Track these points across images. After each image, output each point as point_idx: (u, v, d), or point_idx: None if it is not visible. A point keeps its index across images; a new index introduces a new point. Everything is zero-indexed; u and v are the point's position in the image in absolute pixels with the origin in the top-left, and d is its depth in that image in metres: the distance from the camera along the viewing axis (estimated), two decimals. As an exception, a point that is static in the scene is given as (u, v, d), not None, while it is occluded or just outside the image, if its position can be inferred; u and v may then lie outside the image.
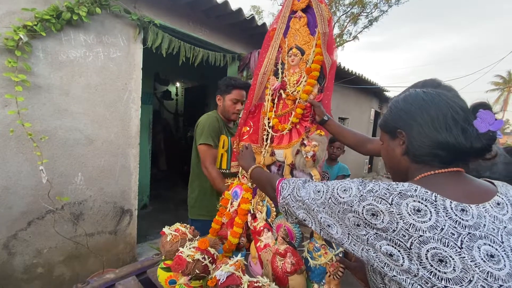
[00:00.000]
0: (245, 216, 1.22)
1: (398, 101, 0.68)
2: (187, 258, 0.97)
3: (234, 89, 1.73)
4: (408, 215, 0.50)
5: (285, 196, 0.75)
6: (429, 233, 0.47)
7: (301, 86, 1.25)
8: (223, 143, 1.73)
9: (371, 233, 0.53)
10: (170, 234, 1.13)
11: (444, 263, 0.46)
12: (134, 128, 2.41)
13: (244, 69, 3.38)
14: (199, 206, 1.76)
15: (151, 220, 3.63)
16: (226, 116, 1.78)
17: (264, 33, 3.21)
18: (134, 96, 2.37)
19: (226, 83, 1.75)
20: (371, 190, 0.55)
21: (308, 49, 1.26)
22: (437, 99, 0.60)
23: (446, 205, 0.50)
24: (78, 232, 2.15)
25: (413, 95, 0.64)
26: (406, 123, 0.63)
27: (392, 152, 0.68)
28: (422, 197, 0.51)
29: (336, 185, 0.63)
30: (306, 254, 1.08)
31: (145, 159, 3.77)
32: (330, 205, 0.61)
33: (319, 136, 1.18)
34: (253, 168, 1.04)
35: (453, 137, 0.56)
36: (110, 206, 2.34)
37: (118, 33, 2.23)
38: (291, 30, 1.31)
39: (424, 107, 0.61)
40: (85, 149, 2.13)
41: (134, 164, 2.44)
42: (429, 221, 0.48)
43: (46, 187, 1.90)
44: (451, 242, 0.46)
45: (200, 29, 2.81)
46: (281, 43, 1.34)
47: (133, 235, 2.53)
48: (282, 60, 1.35)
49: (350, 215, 0.57)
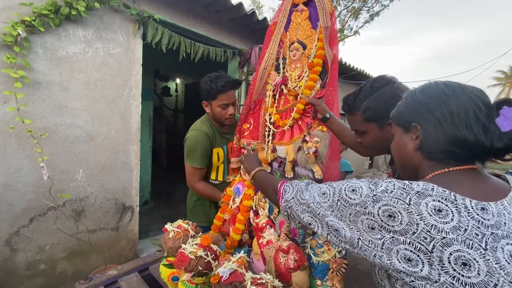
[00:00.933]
0: (247, 212, 1.21)
1: (415, 92, 0.63)
2: (190, 254, 0.97)
3: (219, 94, 1.48)
4: (429, 216, 0.46)
5: (288, 200, 0.72)
6: (453, 235, 0.44)
7: (303, 81, 1.23)
8: (217, 156, 1.60)
9: (387, 237, 0.49)
10: (172, 231, 1.13)
11: (468, 266, 0.43)
12: (135, 124, 2.40)
13: (244, 65, 3.36)
14: (197, 212, 1.68)
15: (152, 217, 3.64)
16: (219, 122, 1.58)
17: (265, 28, 3.17)
18: (134, 92, 2.36)
19: (207, 88, 1.48)
20: (386, 190, 0.52)
21: (310, 44, 1.22)
22: (459, 92, 0.55)
23: (466, 204, 0.46)
24: (80, 229, 2.16)
25: (433, 87, 0.60)
26: (422, 116, 0.58)
27: (404, 146, 0.64)
28: (442, 196, 0.47)
29: (343, 186, 0.59)
30: (309, 250, 1.08)
31: (145, 156, 3.77)
32: (339, 208, 0.58)
33: (321, 132, 1.15)
34: (256, 171, 1.01)
35: (473, 135, 0.51)
36: (112, 203, 2.34)
37: (118, 29, 2.20)
38: (293, 24, 1.28)
39: (444, 100, 0.56)
40: (85, 146, 2.12)
41: (135, 161, 2.44)
42: (451, 221, 0.45)
43: (47, 184, 1.90)
44: (476, 244, 0.43)
45: (200, 24, 2.78)
46: (283, 37, 1.31)
47: (134, 231, 2.54)
48: (283, 54, 1.32)
49: (364, 217, 0.53)
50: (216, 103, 1.51)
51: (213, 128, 1.59)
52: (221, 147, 1.60)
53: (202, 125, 1.58)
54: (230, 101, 1.51)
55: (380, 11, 12.33)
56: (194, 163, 1.52)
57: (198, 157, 1.52)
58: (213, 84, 1.47)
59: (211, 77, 1.50)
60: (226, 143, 1.63)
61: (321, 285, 1.03)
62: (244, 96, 3.43)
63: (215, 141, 1.58)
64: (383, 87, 0.93)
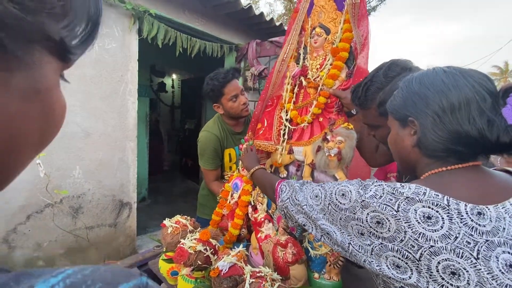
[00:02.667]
0: (245, 207, 1.22)
1: (412, 81, 0.56)
2: (189, 249, 0.98)
3: (224, 88, 1.45)
4: (417, 223, 0.44)
5: (284, 200, 0.70)
6: (441, 243, 0.42)
7: (325, 70, 1.08)
8: (229, 157, 1.58)
9: (376, 243, 0.48)
10: (171, 226, 1.14)
11: (457, 276, 0.41)
12: (132, 120, 2.38)
13: (241, 60, 3.34)
14: (208, 206, 1.66)
15: (150, 213, 3.64)
16: (236, 117, 1.54)
17: (262, 23, 3.18)
18: (131, 88, 2.34)
19: (210, 88, 1.46)
20: (374, 195, 0.49)
21: (335, 27, 1.07)
22: (461, 82, 0.49)
23: (460, 209, 0.43)
24: (78, 225, 2.16)
25: (430, 76, 0.53)
26: (419, 110, 0.53)
27: (401, 142, 0.59)
28: (433, 202, 0.44)
29: (334, 189, 0.57)
30: (306, 244, 1.09)
31: (143, 152, 3.75)
32: (330, 212, 0.56)
33: (346, 130, 0.98)
34: (256, 169, 1.00)
35: (477, 130, 0.46)
36: (109, 199, 2.34)
37: (113, 23, 2.17)
38: (315, 7, 1.13)
39: (443, 92, 0.49)
40: (82, 143, 2.11)
41: (132, 157, 2.43)
42: (441, 229, 0.43)
43: (44, 181, 1.89)
44: (466, 253, 0.41)
45: (196, 19, 2.76)
46: (304, 24, 1.16)
47: (132, 227, 2.55)
48: (304, 43, 1.17)
49: (353, 222, 0.51)
50: (225, 99, 1.47)
51: (224, 128, 1.57)
52: (232, 147, 1.59)
53: (214, 126, 1.56)
54: (237, 91, 1.47)
55: (377, 6, 12.30)
56: (206, 165, 1.53)
57: (209, 159, 1.52)
58: (215, 81, 1.44)
59: (209, 76, 1.48)
60: (239, 143, 1.59)
61: (319, 278, 1.04)
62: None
63: (226, 142, 1.56)
64: (398, 76, 0.84)
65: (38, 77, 0.20)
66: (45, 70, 0.20)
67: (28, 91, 0.19)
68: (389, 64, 0.87)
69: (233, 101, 1.47)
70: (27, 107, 0.20)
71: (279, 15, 13.25)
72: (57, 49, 0.21)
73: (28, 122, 0.20)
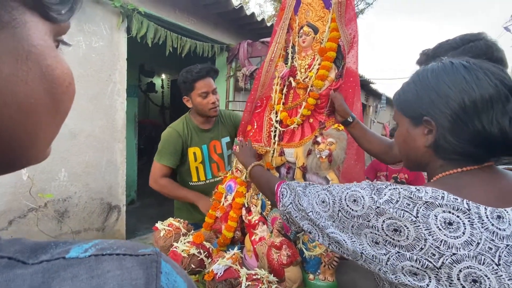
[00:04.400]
0: (239, 210, 1.21)
1: (427, 75, 0.51)
2: (182, 253, 0.96)
3: (195, 82, 1.42)
4: (438, 230, 0.41)
5: (286, 205, 0.65)
6: (464, 250, 0.40)
7: (314, 70, 1.06)
8: (194, 156, 1.52)
9: (393, 252, 0.45)
10: (164, 229, 1.11)
11: (478, 283, 0.39)
12: (120, 121, 2.32)
13: (232, 60, 3.32)
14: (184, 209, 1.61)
15: (139, 216, 3.56)
16: (203, 115, 1.50)
17: (253, 23, 3.17)
18: (119, 88, 2.28)
19: (183, 79, 1.44)
20: (390, 200, 0.46)
21: (323, 26, 1.05)
22: (483, 80, 0.45)
23: (481, 213, 0.41)
24: (64, 230, 2.08)
25: (450, 72, 0.48)
26: (438, 110, 0.48)
27: (412, 141, 0.54)
28: (453, 206, 0.42)
29: (344, 194, 0.52)
30: (301, 245, 1.09)
31: (131, 154, 3.67)
32: (340, 219, 0.52)
33: (336, 132, 0.97)
34: (253, 166, 0.94)
35: (500, 131, 0.43)
36: (97, 202, 2.27)
37: (100, 21, 2.11)
38: (302, 5, 1.11)
39: (466, 90, 0.45)
40: (68, 144, 2.04)
41: (120, 159, 2.37)
42: (463, 235, 0.40)
43: (27, 184, 1.81)
44: (488, 259, 0.39)
45: (187, 18, 2.72)
46: (292, 22, 1.14)
47: (121, 231, 2.48)
48: (292, 42, 1.15)
49: (367, 230, 0.47)
50: (195, 94, 1.44)
51: (190, 126, 1.53)
52: (198, 146, 1.52)
53: (179, 123, 1.53)
54: (208, 89, 1.44)
55: (365, 9, 12.54)
56: (161, 159, 1.48)
57: (166, 154, 1.48)
58: (188, 74, 1.43)
59: (185, 69, 1.46)
60: (207, 141, 1.55)
61: (314, 279, 1.04)
62: (232, 91, 3.40)
63: (191, 140, 1.51)
64: (475, 42, 0.80)
65: (25, 36, 0.20)
66: (31, 30, 0.20)
67: (18, 51, 0.19)
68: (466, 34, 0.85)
69: (202, 97, 1.44)
70: (22, 69, 0.20)
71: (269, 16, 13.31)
72: (35, 6, 0.20)
73: (28, 84, 0.20)
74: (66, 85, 0.24)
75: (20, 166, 0.23)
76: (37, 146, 0.23)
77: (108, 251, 0.20)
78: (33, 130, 0.22)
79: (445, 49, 0.84)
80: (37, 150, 0.23)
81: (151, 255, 0.21)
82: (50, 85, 0.22)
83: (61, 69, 0.24)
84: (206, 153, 1.55)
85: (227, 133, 1.63)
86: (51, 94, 0.22)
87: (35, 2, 0.20)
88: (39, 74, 0.21)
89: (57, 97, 0.23)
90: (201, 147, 1.53)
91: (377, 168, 2.52)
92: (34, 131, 0.22)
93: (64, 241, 0.21)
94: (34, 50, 0.20)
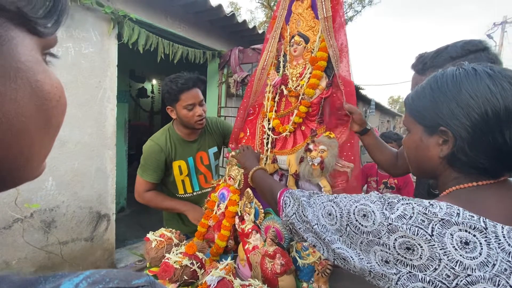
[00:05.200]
0: (232, 218, 1.20)
1: (446, 81, 0.47)
2: (175, 264, 0.94)
3: (181, 94, 1.33)
4: (454, 250, 0.39)
5: (289, 215, 0.62)
6: (479, 272, 0.38)
7: (305, 79, 1.09)
8: (179, 170, 1.45)
9: (404, 271, 0.42)
10: (155, 240, 1.09)
11: None
12: (110, 128, 2.29)
13: (224, 67, 3.33)
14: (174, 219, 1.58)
15: (129, 224, 3.50)
16: (189, 127, 1.42)
17: (245, 31, 3.20)
18: (109, 94, 2.25)
19: (168, 89, 1.34)
20: (403, 216, 0.43)
21: (313, 36, 1.08)
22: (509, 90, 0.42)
23: (498, 232, 0.39)
24: (50, 241, 2.02)
25: (473, 79, 0.45)
26: (457, 121, 0.45)
27: (425, 150, 0.51)
28: (469, 225, 0.40)
29: (352, 207, 0.50)
30: (294, 253, 1.09)
31: (121, 160, 3.61)
32: (349, 234, 0.49)
33: (327, 139, 0.99)
34: (255, 170, 0.91)
35: None
36: (86, 211, 2.21)
37: (90, 27, 2.09)
38: (293, 15, 1.13)
39: (490, 102, 0.42)
40: (56, 152, 1.99)
41: (110, 166, 2.32)
42: (479, 256, 0.38)
43: (13, 194, 1.76)
44: (503, 281, 0.37)
45: (178, 25, 2.72)
46: (283, 31, 1.17)
47: (111, 240, 2.42)
48: (284, 51, 1.18)
49: (377, 248, 0.45)
50: (180, 105, 1.35)
51: (173, 138, 1.44)
52: (183, 159, 1.45)
53: (161, 136, 1.43)
54: (195, 101, 1.35)
55: (353, 17, 12.85)
56: (144, 175, 1.41)
57: (149, 170, 1.40)
58: (173, 84, 1.32)
59: (170, 77, 1.36)
60: (193, 153, 1.48)
61: (307, 287, 1.04)
62: (224, 97, 3.41)
63: (175, 154, 1.43)
64: (476, 53, 0.78)
65: (12, 53, 0.19)
66: (18, 46, 0.20)
67: (5, 69, 0.19)
68: (471, 40, 0.81)
69: (188, 110, 1.35)
70: (11, 87, 0.19)
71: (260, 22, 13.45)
72: (21, 21, 0.20)
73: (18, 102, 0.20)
74: (56, 99, 0.24)
75: (13, 185, 0.23)
76: (31, 163, 0.23)
77: (100, 285, 0.19)
78: (26, 148, 0.21)
79: (444, 59, 0.81)
80: (31, 168, 0.23)
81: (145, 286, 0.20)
82: (41, 101, 0.22)
83: (51, 83, 0.23)
84: (192, 165, 1.48)
85: (214, 143, 1.57)
86: (42, 110, 0.22)
87: (20, 18, 0.20)
88: (29, 91, 0.20)
89: (48, 112, 0.23)
90: (186, 160, 1.46)
91: (368, 173, 2.56)
92: (27, 149, 0.21)
93: (53, 275, 0.20)
94: (22, 67, 0.20)
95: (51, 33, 0.23)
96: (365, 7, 12.60)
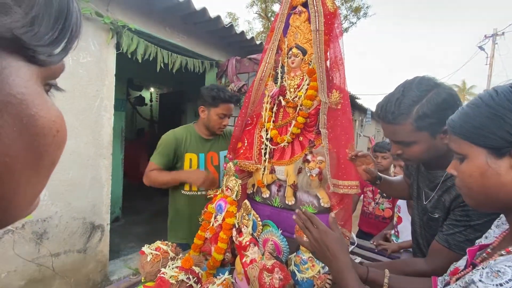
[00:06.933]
0: (230, 230, 1.18)
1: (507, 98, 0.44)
2: (170, 279, 0.92)
3: (222, 103, 1.53)
4: None
5: None
6: None
7: (303, 90, 1.11)
8: (190, 163, 1.57)
9: None
10: (151, 254, 1.06)
11: None
12: (106, 137, 2.27)
13: (222, 76, 3.36)
14: (172, 229, 1.64)
15: (124, 234, 3.42)
16: (210, 129, 1.60)
17: (243, 41, 3.24)
18: (106, 103, 2.24)
19: (213, 94, 1.53)
20: None
21: (310, 48, 1.11)
22: None
23: None
24: (42, 253, 1.96)
25: None
26: None
27: (495, 176, 0.46)
28: None
29: None
30: (293, 267, 1.07)
31: (117, 169, 3.57)
32: None
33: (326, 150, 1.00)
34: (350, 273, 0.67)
35: None
36: (79, 222, 2.16)
37: (89, 37, 2.10)
38: (291, 28, 1.16)
39: None
40: (50, 161, 1.96)
41: (106, 176, 2.29)
42: None
43: (4, 204, 1.71)
44: None
45: (177, 35, 2.75)
46: (281, 43, 1.20)
47: (104, 252, 2.36)
48: (282, 63, 1.21)
49: None
50: (215, 111, 1.54)
51: (192, 132, 1.61)
52: (195, 153, 1.58)
53: (181, 128, 1.63)
54: (228, 113, 1.57)
55: (349, 28, 13.12)
56: (154, 158, 1.54)
57: (159, 154, 1.54)
58: (220, 93, 1.53)
59: (217, 86, 1.60)
60: (205, 150, 1.61)
61: (306, 302, 1.02)
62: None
63: (189, 145, 1.58)
64: (433, 90, 0.82)
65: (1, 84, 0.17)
66: (10, 77, 0.17)
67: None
68: (419, 79, 0.85)
69: (220, 117, 1.55)
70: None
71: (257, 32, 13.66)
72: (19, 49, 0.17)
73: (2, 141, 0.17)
74: (53, 134, 0.21)
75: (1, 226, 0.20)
76: (18, 205, 0.20)
77: None
78: (11, 190, 0.19)
79: (408, 105, 0.82)
80: (20, 209, 0.21)
81: None
82: (32, 138, 0.19)
83: (48, 117, 0.20)
84: (202, 161, 1.59)
85: (226, 147, 1.66)
86: (33, 148, 0.19)
87: (17, 45, 0.17)
88: (19, 127, 0.18)
89: (41, 150, 0.20)
90: (198, 155, 1.59)
91: (364, 183, 2.55)
92: (13, 191, 0.19)
93: None
94: (12, 100, 0.17)
95: (56, 62, 0.21)
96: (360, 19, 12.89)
